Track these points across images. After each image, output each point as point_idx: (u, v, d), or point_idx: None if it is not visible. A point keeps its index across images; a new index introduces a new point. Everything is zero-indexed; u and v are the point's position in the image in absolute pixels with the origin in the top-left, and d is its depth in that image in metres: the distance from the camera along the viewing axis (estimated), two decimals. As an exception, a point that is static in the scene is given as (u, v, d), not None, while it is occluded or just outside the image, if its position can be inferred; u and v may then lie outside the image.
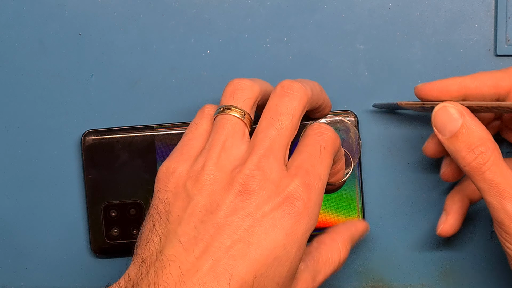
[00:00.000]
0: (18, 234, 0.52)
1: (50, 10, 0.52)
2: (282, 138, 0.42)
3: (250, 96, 0.44)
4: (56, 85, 0.52)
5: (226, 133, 0.42)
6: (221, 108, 0.43)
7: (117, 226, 0.51)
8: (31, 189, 0.52)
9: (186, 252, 0.39)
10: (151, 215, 0.42)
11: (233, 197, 0.40)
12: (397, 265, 0.53)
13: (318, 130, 0.43)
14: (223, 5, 0.52)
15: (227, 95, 0.44)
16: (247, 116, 0.43)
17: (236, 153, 0.42)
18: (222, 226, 0.39)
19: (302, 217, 0.40)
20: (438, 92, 0.46)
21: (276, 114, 0.42)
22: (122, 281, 0.40)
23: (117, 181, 0.51)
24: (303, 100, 0.43)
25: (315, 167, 0.41)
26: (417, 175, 0.52)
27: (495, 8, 0.51)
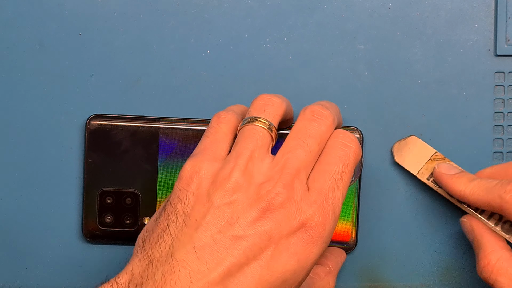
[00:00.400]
0: (18, 234, 0.52)
1: (50, 10, 0.52)
2: (309, 161, 0.42)
3: (278, 113, 0.44)
4: (56, 85, 0.52)
5: (254, 143, 0.42)
6: (250, 118, 0.43)
7: (111, 213, 0.51)
8: (31, 189, 0.52)
9: (198, 261, 0.38)
10: (166, 213, 0.41)
11: (255, 213, 0.39)
12: (397, 265, 0.53)
13: (343, 142, 0.43)
14: (223, 5, 0.52)
15: (257, 108, 0.44)
16: (274, 131, 0.43)
17: (263, 166, 0.41)
18: (239, 240, 0.39)
19: (315, 245, 0.40)
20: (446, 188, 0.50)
21: (305, 136, 0.42)
22: (123, 278, 0.39)
23: (116, 168, 0.51)
24: (331, 127, 0.43)
25: (335, 192, 0.41)
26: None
27: (495, 8, 0.51)
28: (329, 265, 0.48)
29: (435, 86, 0.52)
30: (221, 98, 0.52)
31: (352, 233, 0.51)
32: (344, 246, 0.51)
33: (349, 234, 0.51)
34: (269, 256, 0.39)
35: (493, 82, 0.52)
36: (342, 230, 0.51)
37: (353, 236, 0.51)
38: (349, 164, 0.43)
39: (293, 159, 0.41)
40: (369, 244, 0.52)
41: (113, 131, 0.51)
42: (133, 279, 0.39)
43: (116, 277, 0.39)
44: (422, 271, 0.53)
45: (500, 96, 0.52)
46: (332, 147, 0.43)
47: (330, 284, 0.48)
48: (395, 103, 0.52)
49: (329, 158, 0.42)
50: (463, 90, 0.52)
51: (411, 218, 0.52)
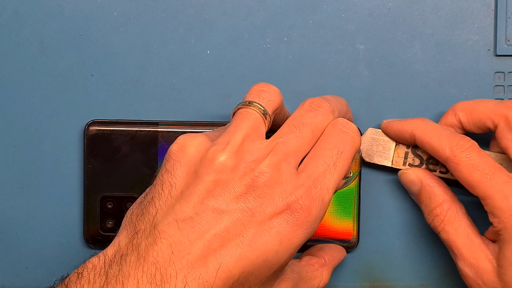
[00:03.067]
0: (18, 234, 0.52)
1: (50, 10, 0.52)
2: (300, 147, 0.42)
3: (274, 100, 0.44)
4: (56, 85, 0.52)
5: (248, 124, 0.42)
6: (245, 102, 0.43)
7: (112, 218, 0.51)
8: (30, 189, 0.52)
9: (180, 232, 0.38)
10: (153, 185, 0.41)
11: (239, 189, 0.40)
12: (397, 265, 0.53)
13: (340, 128, 0.43)
14: (223, 5, 0.52)
15: (252, 93, 0.44)
16: (268, 117, 0.43)
17: (254, 148, 0.41)
18: (222, 214, 0.39)
19: (300, 228, 0.40)
20: (394, 135, 0.50)
21: (299, 124, 0.43)
22: (110, 250, 0.40)
23: (116, 173, 0.51)
24: (328, 118, 0.43)
25: (325, 177, 0.41)
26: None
27: (495, 8, 0.51)
28: (325, 257, 0.48)
29: (435, 86, 0.52)
30: (221, 98, 0.52)
31: (354, 231, 0.51)
32: (346, 245, 0.51)
33: (350, 232, 0.51)
34: (252, 233, 0.39)
35: (493, 82, 0.52)
36: (343, 228, 0.51)
37: (354, 234, 0.51)
38: (344, 151, 0.42)
39: (282, 143, 0.41)
40: (369, 244, 0.52)
41: (112, 136, 0.51)
42: (119, 250, 0.39)
43: (104, 250, 0.40)
44: (422, 271, 0.53)
45: (500, 96, 0.52)
46: (328, 134, 0.43)
47: (323, 276, 0.47)
48: (395, 103, 0.52)
49: (324, 144, 0.42)
50: (463, 90, 0.52)
51: (411, 218, 0.52)
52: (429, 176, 0.49)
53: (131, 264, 0.38)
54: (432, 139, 0.48)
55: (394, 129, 0.50)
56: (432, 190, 0.49)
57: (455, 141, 0.47)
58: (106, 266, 0.39)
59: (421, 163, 0.50)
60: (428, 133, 0.48)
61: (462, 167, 0.46)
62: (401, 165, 0.50)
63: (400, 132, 0.49)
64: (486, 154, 0.47)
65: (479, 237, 0.47)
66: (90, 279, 0.38)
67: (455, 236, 0.47)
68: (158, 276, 0.37)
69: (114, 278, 0.38)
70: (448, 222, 0.48)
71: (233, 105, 0.51)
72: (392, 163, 0.51)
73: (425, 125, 0.48)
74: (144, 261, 0.38)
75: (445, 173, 0.50)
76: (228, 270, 0.38)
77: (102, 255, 0.39)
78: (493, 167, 0.46)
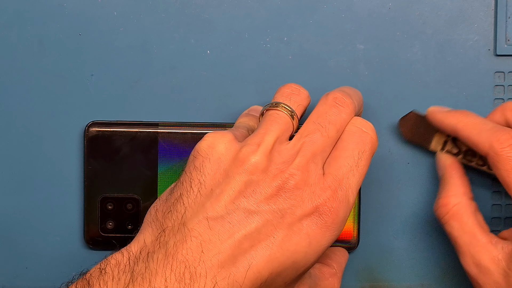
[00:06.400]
0: (18, 234, 0.52)
1: (50, 10, 0.52)
2: (326, 146, 0.42)
3: (303, 104, 0.44)
4: (56, 85, 0.52)
5: (279, 127, 0.42)
6: (275, 103, 0.43)
7: (112, 219, 0.51)
8: (30, 189, 0.52)
9: (210, 231, 0.38)
10: (181, 182, 0.41)
11: (270, 190, 0.40)
12: (397, 265, 0.53)
13: (360, 128, 0.43)
14: (223, 5, 0.52)
15: (283, 95, 0.44)
16: (296, 119, 0.43)
17: (284, 149, 0.41)
18: (253, 214, 0.39)
19: (329, 230, 0.40)
20: (437, 125, 0.50)
21: (324, 121, 0.43)
22: (134, 247, 0.39)
23: (116, 174, 0.51)
24: (351, 115, 0.44)
25: (349, 179, 0.41)
26: (417, 175, 0.52)
27: (495, 8, 0.51)
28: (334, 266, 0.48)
29: (435, 86, 0.52)
30: (221, 98, 0.52)
31: (354, 231, 0.51)
32: (347, 245, 0.51)
33: (351, 232, 0.51)
34: (282, 235, 0.39)
35: (493, 82, 0.52)
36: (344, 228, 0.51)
37: (355, 235, 0.51)
38: (365, 151, 0.43)
39: (309, 143, 0.42)
40: (369, 244, 0.52)
41: (112, 137, 0.50)
42: (145, 247, 0.39)
43: (128, 246, 0.39)
44: (422, 271, 0.53)
45: (500, 96, 0.52)
46: (349, 134, 0.43)
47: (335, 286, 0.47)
48: (395, 103, 0.52)
49: (346, 144, 0.43)
50: (463, 90, 0.52)
51: (411, 217, 0.52)
52: (454, 167, 0.49)
53: (158, 261, 0.37)
54: (472, 133, 0.47)
55: (438, 120, 0.49)
56: (450, 180, 0.48)
57: (496, 136, 0.45)
58: (131, 263, 0.38)
59: (459, 152, 0.50)
60: (469, 127, 0.47)
61: (501, 164, 0.45)
62: (439, 151, 0.50)
63: (443, 123, 0.49)
64: None
65: (487, 236, 0.46)
66: (114, 275, 0.38)
67: (459, 232, 0.47)
68: (187, 275, 0.37)
69: (140, 276, 0.37)
70: (453, 217, 0.47)
71: (233, 105, 0.51)
72: (430, 147, 0.51)
73: (467, 119, 0.48)
74: (172, 259, 0.37)
75: (482, 166, 0.50)
76: (257, 271, 0.38)
77: (126, 251, 0.39)
78: None
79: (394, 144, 0.52)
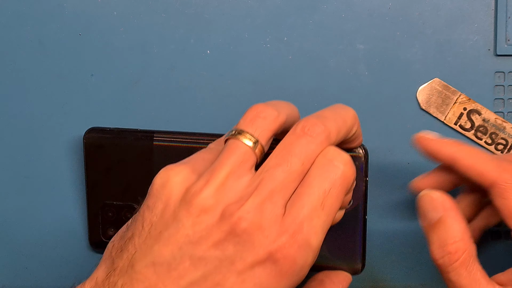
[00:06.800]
0: (18, 234, 0.52)
1: (50, 10, 0.52)
2: (289, 182, 0.38)
3: (270, 128, 0.39)
4: (56, 85, 0.52)
5: (234, 160, 0.38)
6: (235, 131, 0.39)
7: (113, 226, 0.51)
8: (31, 189, 0.52)
9: (156, 277, 0.37)
10: (135, 220, 0.39)
11: (218, 235, 0.37)
12: (397, 265, 0.53)
13: (330, 160, 0.38)
14: (223, 5, 0.52)
15: (246, 120, 0.39)
16: (259, 148, 0.39)
17: (238, 186, 0.38)
18: (200, 260, 0.37)
19: (284, 278, 0.37)
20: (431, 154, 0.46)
21: (288, 154, 0.38)
22: (88, 284, 0.38)
23: (115, 182, 0.51)
24: (322, 145, 0.39)
25: (312, 220, 0.37)
26: (417, 175, 0.52)
27: (495, 8, 0.51)
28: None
29: (435, 86, 0.52)
30: (221, 98, 0.52)
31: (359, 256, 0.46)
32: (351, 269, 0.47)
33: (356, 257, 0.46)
34: (231, 283, 0.36)
35: (493, 82, 0.52)
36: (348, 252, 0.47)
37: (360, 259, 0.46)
38: (333, 188, 0.38)
39: (268, 180, 0.37)
40: (369, 244, 0.52)
41: (110, 145, 0.50)
42: (96, 286, 0.38)
43: (82, 284, 0.39)
44: (422, 271, 0.53)
45: (500, 96, 0.52)
46: (317, 167, 0.38)
47: None
48: (395, 103, 0.52)
49: (311, 180, 0.38)
50: (463, 90, 0.52)
51: (411, 218, 0.52)
52: (454, 207, 0.43)
53: None
54: (477, 162, 0.44)
55: (432, 149, 0.46)
56: (453, 223, 0.42)
57: (503, 165, 0.43)
58: None
59: (471, 127, 0.50)
60: (473, 156, 0.44)
61: (510, 194, 0.42)
62: (453, 124, 0.51)
63: (439, 152, 0.45)
64: None
65: (490, 284, 0.43)
66: None
67: (468, 281, 0.42)
68: None
69: None
70: (462, 264, 0.42)
71: (233, 105, 0.51)
72: (445, 118, 0.51)
73: (468, 148, 0.45)
74: None
75: (490, 145, 0.50)
76: None
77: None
78: None
79: (394, 144, 0.52)
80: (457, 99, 0.51)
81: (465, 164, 0.44)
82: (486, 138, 0.51)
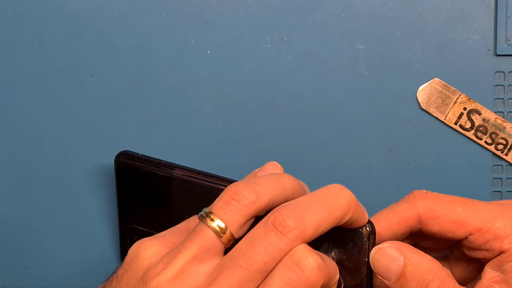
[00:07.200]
0: (18, 234, 0.52)
1: (50, 10, 0.52)
2: (247, 281, 0.35)
3: (243, 213, 0.36)
4: (56, 85, 0.52)
5: (199, 245, 0.36)
6: (204, 213, 0.37)
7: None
8: (31, 189, 0.52)
9: None
10: (110, 281, 0.38)
11: None
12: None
13: (292, 266, 0.35)
14: (223, 5, 0.52)
15: (220, 201, 0.37)
16: (227, 235, 0.36)
17: (198, 274, 0.36)
18: None
19: None
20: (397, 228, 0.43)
21: (251, 250, 0.35)
22: None
23: (143, 207, 0.50)
24: (293, 243, 0.35)
25: None
26: (417, 175, 0.52)
27: (495, 8, 0.51)
28: None
29: (435, 86, 0.52)
30: (221, 98, 0.52)
31: None
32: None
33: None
34: None
35: (493, 81, 0.52)
36: None
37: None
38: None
39: (226, 276, 0.35)
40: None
41: (138, 172, 0.49)
42: None
43: None
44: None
45: (500, 96, 0.52)
46: (280, 270, 0.35)
47: None
48: (394, 103, 0.52)
49: (271, 282, 0.35)
50: (463, 90, 0.52)
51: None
52: (411, 248, 0.40)
53: None
54: (388, 216, 0.42)
55: (394, 222, 0.43)
56: (420, 261, 0.39)
57: (409, 200, 0.42)
58: None
59: (472, 127, 0.50)
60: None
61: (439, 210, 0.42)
62: (453, 123, 0.51)
63: (403, 220, 0.42)
64: None
65: None
66: None
67: None
68: None
69: None
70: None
71: (233, 105, 0.51)
72: (445, 118, 0.51)
73: None
74: None
75: (490, 144, 0.50)
76: None
77: None
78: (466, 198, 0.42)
79: (394, 144, 0.52)
80: (457, 99, 0.51)
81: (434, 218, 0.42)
82: (486, 138, 0.51)
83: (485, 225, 0.41)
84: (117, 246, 0.52)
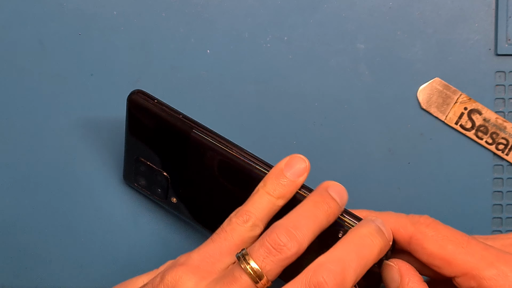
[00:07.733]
0: (18, 234, 0.53)
1: (50, 10, 0.52)
2: None
3: (284, 264, 0.38)
4: (56, 85, 0.52)
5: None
6: (243, 255, 0.38)
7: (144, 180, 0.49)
8: (31, 189, 0.52)
9: None
10: None
11: None
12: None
13: None
14: (223, 4, 0.52)
15: (262, 247, 0.38)
16: (263, 282, 0.37)
17: None
18: None
19: None
20: None
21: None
22: None
23: (152, 146, 0.48)
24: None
25: None
26: (417, 175, 0.52)
27: (495, 8, 0.51)
28: None
29: (436, 86, 0.52)
30: (221, 98, 0.52)
31: None
32: None
33: None
34: None
35: (493, 81, 0.52)
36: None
37: None
38: None
39: None
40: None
41: (153, 113, 0.46)
42: None
43: None
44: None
45: (501, 96, 0.52)
46: None
47: None
48: (395, 103, 0.52)
49: None
50: (464, 90, 0.52)
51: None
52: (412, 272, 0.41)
53: None
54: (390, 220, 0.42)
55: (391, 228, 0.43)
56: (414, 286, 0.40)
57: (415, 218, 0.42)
58: None
59: (472, 127, 0.50)
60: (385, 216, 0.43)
61: (430, 242, 0.41)
62: (453, 123, 0.51)
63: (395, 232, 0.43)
64: None
65: None
66: None
67: None
68: None
69: None
70: None
71: (232, 106, 0.51)
72: (446, 118, 0.51)
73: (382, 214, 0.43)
74: None
75: (490, 144, 0.50)
76: None
77: None
78: (465, 235, 0.41)
79: (394, 144, 0.52)
80: (457, 99, 0.51)
81: None
82: (486, 138, 0.51)
83: (472, 271, 0.40)
84: (117, 246, 0.53)
